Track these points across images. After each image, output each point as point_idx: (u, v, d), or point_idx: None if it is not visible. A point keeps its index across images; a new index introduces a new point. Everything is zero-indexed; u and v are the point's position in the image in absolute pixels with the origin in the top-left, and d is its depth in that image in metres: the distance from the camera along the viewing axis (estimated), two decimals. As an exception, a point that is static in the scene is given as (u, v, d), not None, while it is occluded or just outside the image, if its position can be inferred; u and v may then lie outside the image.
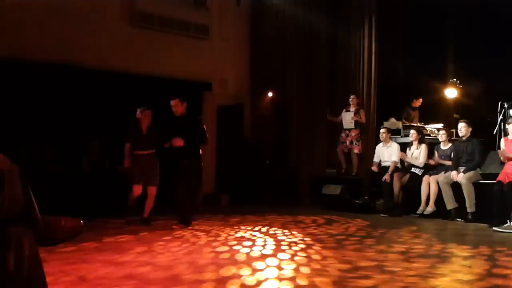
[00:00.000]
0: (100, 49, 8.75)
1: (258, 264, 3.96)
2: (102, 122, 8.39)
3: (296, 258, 4.25)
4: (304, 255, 4.37)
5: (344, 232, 5.79)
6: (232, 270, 3.73)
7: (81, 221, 5.56)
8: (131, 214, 6.61)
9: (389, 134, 8.18)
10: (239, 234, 5.56)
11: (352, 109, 9.05)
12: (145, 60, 9.28)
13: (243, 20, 11.01)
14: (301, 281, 3.41)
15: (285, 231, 5.84)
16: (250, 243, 4.98)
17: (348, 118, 9.02)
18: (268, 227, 6.11)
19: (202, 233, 5.62)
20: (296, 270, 3.78)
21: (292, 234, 5.58)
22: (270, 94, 10.45)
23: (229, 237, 5.35)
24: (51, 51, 8.11)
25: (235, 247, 4.73)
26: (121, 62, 8.94)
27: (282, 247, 4.75)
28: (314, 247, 4.74)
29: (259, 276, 3.57)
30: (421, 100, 9.71)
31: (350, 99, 9.10)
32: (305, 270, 3.77)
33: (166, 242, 5.06)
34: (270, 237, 5.34)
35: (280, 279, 3.48)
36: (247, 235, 5.53)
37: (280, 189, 9.49)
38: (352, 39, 10.05)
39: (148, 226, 6.19)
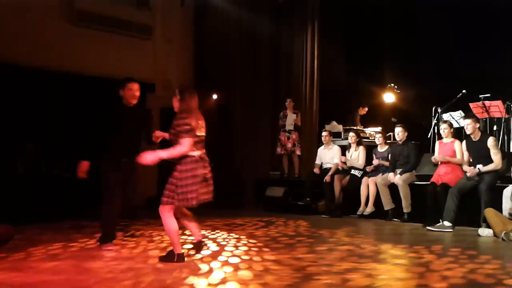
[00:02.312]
0: (37, 47, 8.42)
1: (199, 268, 3.93)
2: (39, 124, 8.06)
3: (238, 260, 4.25)
4: (247, 257, 4.38)
5: (286, 234, 5.85)
6: (172, 275, 3.68)
7: (12, 228, 5.32)
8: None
9: (331, 137, 8.40)
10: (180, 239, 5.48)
11: (290, 112, 9.15)
12: (85, 60, 9.01)
13: (188, 21, 10.92)
14: (242, 284, 3.42)
15: (228, 234, 5.83)
16: (191, 246, 4.94)
17: (290, 120, 9.13)
18: (210, 230, 6.07)
19: (142, 238, 5.50)
20: (238, 272, 3.78)
21: (235, 237, 5.57)
22: (214, 96, 10.41)
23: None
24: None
25: (176, 251, 4.65)
26: (60, 61, 8.64)
27: (225, 250, 4.73)
28: (257, 249, 4.76)
29: (201, 281, 3.54)
30: (366, 109, 10.07)
31: (286, 103, 9.18)
32: (247, 273, 3.78)
33: (103, 248, 4.90)
34: (212, 241, 5.31)
35: (224, 282, 3.47)
36: (188, 239, 5.47)
37: (224, 192, 9.42)
38: (296, 43, 10.19)
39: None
